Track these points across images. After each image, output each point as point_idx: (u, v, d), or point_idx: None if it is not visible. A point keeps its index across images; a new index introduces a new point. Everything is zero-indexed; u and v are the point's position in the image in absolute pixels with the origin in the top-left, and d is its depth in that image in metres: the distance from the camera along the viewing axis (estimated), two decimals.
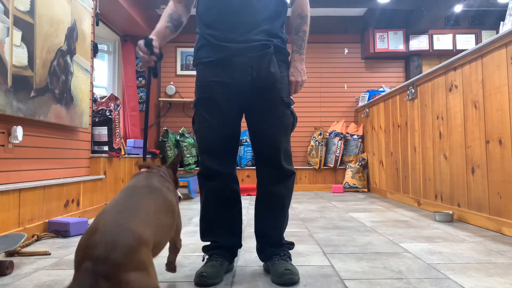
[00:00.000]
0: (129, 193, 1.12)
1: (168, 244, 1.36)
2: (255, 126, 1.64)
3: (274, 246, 1.65)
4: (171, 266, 1.50)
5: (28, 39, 2.40)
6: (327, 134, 5.69)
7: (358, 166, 5.31)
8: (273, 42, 1.59)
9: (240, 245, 1.73)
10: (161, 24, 1.65)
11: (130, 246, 0.89)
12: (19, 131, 2.32)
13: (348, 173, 5.35)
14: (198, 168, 4.60)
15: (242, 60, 1.55)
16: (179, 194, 1.44)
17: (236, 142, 1.69)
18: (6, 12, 2.18)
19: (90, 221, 2.98)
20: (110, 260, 0.85)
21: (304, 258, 1.88)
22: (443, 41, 5.75)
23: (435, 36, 5.75)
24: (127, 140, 4.59)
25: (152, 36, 1.56)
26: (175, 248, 1.46)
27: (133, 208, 1.02)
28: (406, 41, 5.73)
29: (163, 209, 1.14)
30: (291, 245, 1.72)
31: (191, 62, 5.84)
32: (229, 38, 1.55)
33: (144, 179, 1.22)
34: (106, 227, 0.91)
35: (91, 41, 3.44)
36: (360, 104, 5.63)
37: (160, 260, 1.85)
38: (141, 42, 1.51)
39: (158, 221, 1.07)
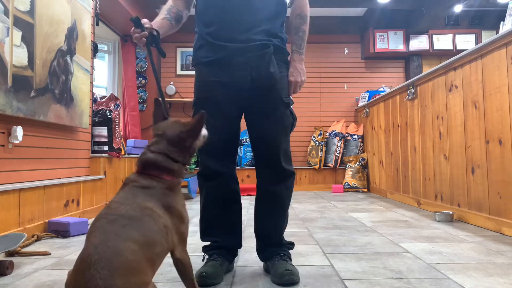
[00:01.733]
0: (109, 230, 0.95)
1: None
2: (254, 126, 1.64)
3: (274, 246, 1.65)
4: None
5: (28, 39, 2.40)
6: (327, 134, 5.69)
7: (358, 166, 5.31)
8: (273, 42, 1.58)
9: (240, 245, 1.73)
10: (159, 17, 1.62)
11: None
12: (19, 131, 2.32)
13: (348, 173, 5.35)
14: (198, 168, 4.62)
15: (242, 60, 1.54)
16: (204, 133, 1.23)
17: (236, 142, 1.69)
18: (6, 12, 2.18)
19: (90, 221, 2.97)
20: None
21: (304, 258, 1.88)
22: (443, 41, 5.75)
23: (435, 36, 5.75)
24: (127, 140, 4.59)
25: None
26: (181, 266, 1.15)
27: (113, 256, 0.89)
28: (406, 41, 5.73)
29: (150, 240, 0.98)
30: (291, 245, 1.72)
31: (191, 62, 5.84)
32: (229, 38, 1.55)
33: (128, 200, 1.04)
34: (94, 277, 0.84)
35: (91, 41, 3.44)
36: (360, 104, 5.63)
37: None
38: (133, 28, 1.46)
39: (145, 257, 0.94)
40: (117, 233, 0.94)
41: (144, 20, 1.48)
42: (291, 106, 1.67)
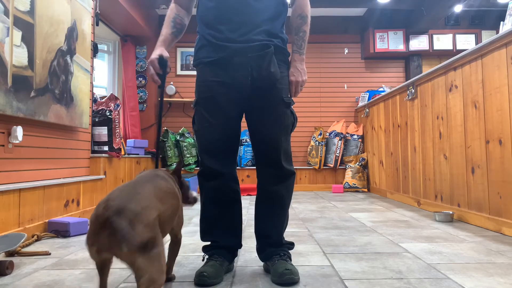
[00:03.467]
0: (135, 179, 1.24)
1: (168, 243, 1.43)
2: (255, 126, 1.64)
3: (274, 246, 1.65)
4: (169, 271, 1.50)
5: (28, 39, 2.40)
6: (327, 134, 5.69)
7: (358, 166, 5.31)
8: (274, 42, 1.58)
9: (240, 245, 1.73)
10: (166, 30, 1.66)
11: (137, 211, 1.03)
12: (19, 131, 2.32)
13: (348, 173, 5.36)
14: (198, 168, 4.62)
15: (243, 60, 1.55)
16: (194, 194, 1.58)
17: (237, 142, 1.69)
18: (6, 12, 2.18)
19: None
20: (118, 222, 0.99)
21: (304, 258, 1.88)
22: (443, 41, 5.75)
23: (435, 36, 5.75)
24: (127, 140, 4.59)
25: (160, 45, 1.61)
26: (175, 243, 1.49)
27: (140, 186, 1.15)
28: (406, 41, 5.74)
29: (168, 190, 1.27)
30: (291, 245, 1.72)
31: (191, 62, 5.85)
32: (230, 38, 1.55)
33: (149, 171, 1.37)
34: (114, 200, 1.04)
35: (91, 41, 3.44)
36: (360, 104, 5.63)
37: None
38: (155, 60, 1.56)
39: (164, 197, 1.20)
40: (148, 180, 1.23)
41: (169, 64, 1.61)
42: (292, 106, 1.67)
